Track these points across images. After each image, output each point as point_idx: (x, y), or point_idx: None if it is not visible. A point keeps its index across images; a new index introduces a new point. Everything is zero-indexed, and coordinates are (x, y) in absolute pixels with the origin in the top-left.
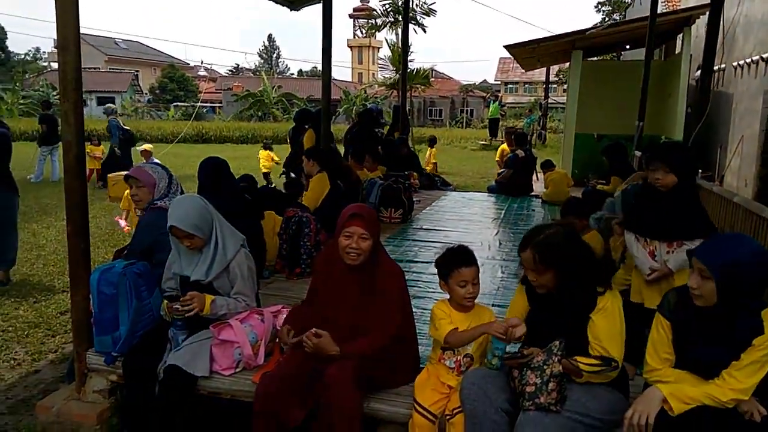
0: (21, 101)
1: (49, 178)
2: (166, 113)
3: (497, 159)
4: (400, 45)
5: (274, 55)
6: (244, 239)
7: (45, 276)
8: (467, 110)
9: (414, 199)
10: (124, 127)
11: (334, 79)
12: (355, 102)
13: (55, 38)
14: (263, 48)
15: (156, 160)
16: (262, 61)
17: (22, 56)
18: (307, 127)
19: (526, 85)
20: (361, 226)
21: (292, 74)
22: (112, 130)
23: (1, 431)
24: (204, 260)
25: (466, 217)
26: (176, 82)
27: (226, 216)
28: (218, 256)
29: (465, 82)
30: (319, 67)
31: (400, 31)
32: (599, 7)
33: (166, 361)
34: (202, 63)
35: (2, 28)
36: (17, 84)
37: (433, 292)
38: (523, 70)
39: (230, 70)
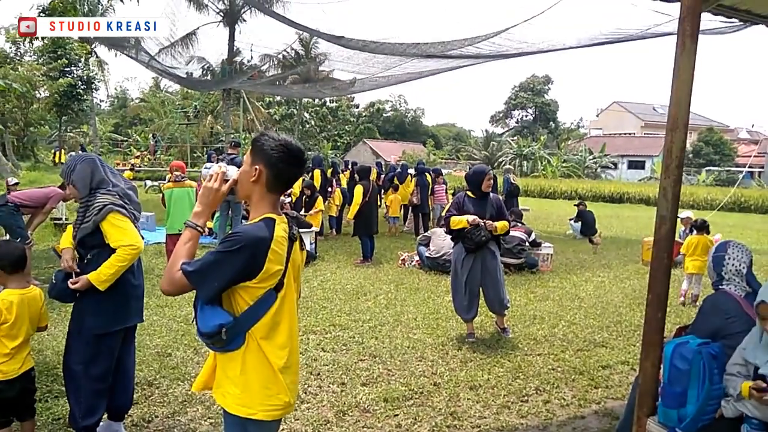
0: (563, 164)
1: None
2: (696, 177)
3: None
4: None
5: None
6: None
7: (586, 327)
8: None
9: None
10: (512, 182)
11: None
12: None
13: (598, 108)
14: None
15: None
16: None
17: (568, 125)
18: None
19: None
20: None
21: None
22: (505, 184)
23: None
24: None
25: None
26: (712, 145)
27: None
28: None
29: None
30: None
31: None
32: None
33: None
34: (753, 126)
35: (556, 102)
36: (561, 150)
37: None
38: None
39: None
